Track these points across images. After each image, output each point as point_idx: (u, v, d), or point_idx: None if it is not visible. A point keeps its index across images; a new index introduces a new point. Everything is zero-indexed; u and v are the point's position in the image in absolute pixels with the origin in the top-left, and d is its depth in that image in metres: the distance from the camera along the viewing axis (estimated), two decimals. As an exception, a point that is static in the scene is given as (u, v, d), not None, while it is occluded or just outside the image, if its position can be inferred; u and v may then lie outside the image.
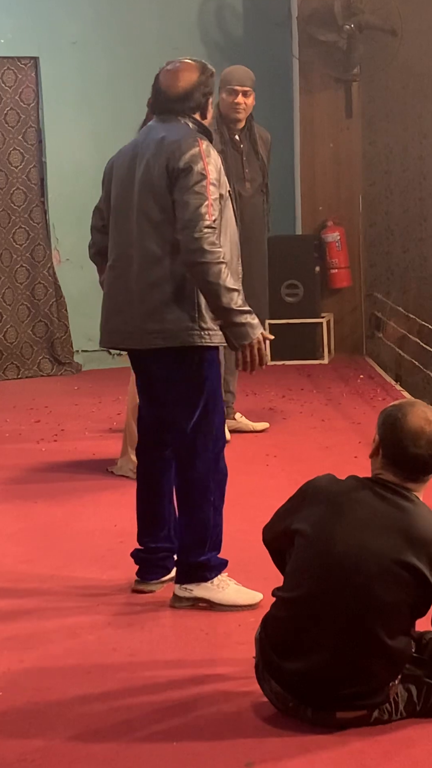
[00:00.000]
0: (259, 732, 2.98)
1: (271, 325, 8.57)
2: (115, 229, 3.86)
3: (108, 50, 8.47)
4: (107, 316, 3.90)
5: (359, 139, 8.90)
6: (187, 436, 3.75)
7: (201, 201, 3.57)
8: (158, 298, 3.69)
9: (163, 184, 3.66)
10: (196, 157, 3.61)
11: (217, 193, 3.63)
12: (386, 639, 2.91)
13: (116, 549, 4.23)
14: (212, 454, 3.80)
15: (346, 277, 8.87)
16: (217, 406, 3.81)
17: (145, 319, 3.72)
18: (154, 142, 3.72)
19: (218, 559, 3.85)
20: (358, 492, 3.01)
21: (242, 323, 3.62)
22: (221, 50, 8.81)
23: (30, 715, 3.13)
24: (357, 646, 2.91)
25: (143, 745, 2.94)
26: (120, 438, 6.02)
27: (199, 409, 3.74)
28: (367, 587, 2.91)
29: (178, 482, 3.83)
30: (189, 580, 3.80)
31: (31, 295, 8.49)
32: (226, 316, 3.62)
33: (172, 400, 3.77)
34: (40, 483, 5.52)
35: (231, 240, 3.76)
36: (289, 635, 2.99)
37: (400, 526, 2.94)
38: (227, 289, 3.57)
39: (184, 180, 3.60)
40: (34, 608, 3.91)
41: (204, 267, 3.56)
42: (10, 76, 8.30)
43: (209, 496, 3.79)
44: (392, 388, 7.51)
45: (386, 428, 3.01)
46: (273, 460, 5.79)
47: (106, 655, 3.51)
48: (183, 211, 3.59)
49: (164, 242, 3.68)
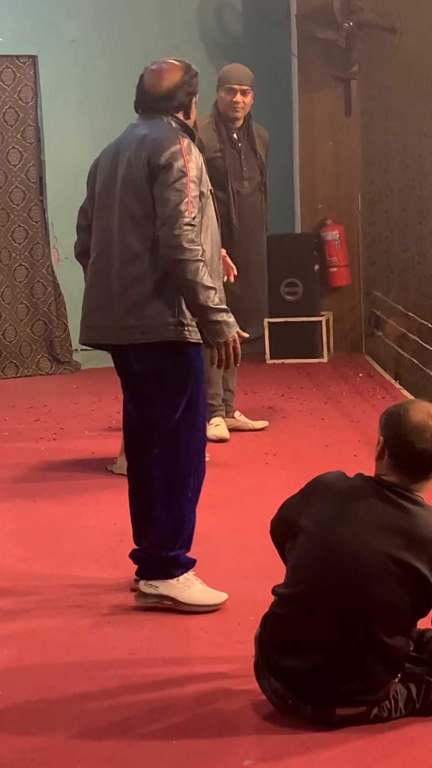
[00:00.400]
0: (258, 730, 2.98)
1: (271, 323, 8.59)
2: (97, 226, 3.87)
3: (107, 49, 8.46)
4: (87, 312, 3.90)
5: (358, 137, 8.90)
6: (170, 432, 3.75)
7: (181, 198, 3.59)
8: (139, 294, 3.71)
9: (144, 180, 3.68)
10: (177, 154, 3.63)
11: (197, 191, 3.65)
12: (385, 638, 2.91)
13: (116, 548, 4.23)
14: (194, 451, 3.81)
15: (345, 276, 8.87)
16: (200, 403, 3.81)
17: (126, 314, 3.73)
18: (136, 140, 3.74)
19: (186, 558, 3.85)
20: (363, 491, 3.01)
21: (218, 321, 3.63)
22: (220, 48, 8.80)
23: (30, 714, 3.13)
24: (355, 644, 2.91)
25: (143, 744, 2.94)
26: (119, 437, 6.02)
27: (182, 405, 3.74)
28: (365, 586, 2.91)
29: (158, 476, 3.81)
30: (155, 575, 3.79)
31: (30, 294, 8.49)
32: (202, 314, 3.64)
33: (154, 396, 3.77)
34: (39, 482, 5.52)
35: (212, 239, 3.78)
36: (288, 632, 2.99)
37: (401, 526, 2.94)
38: (204, 287, 3.59)
39: (164, 176, 3.62)
40: (33, 607, 3.91)
41: (182, 264, 3.58)
42: (9, 75, 8.29)
43: (188, 492, 3.80)
44: (392, 387, 7.51)
45: (390, 427, 3.01)
46: (272, 458, 5.79)
47: (106, 653, 3.52)
48: (163, 207, 3.62)
49: (145, 238, 3.69)
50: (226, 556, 4.36)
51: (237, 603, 3.83)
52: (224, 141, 6.10)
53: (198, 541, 4.38)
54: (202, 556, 4.20)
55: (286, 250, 8.51)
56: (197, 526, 4.48)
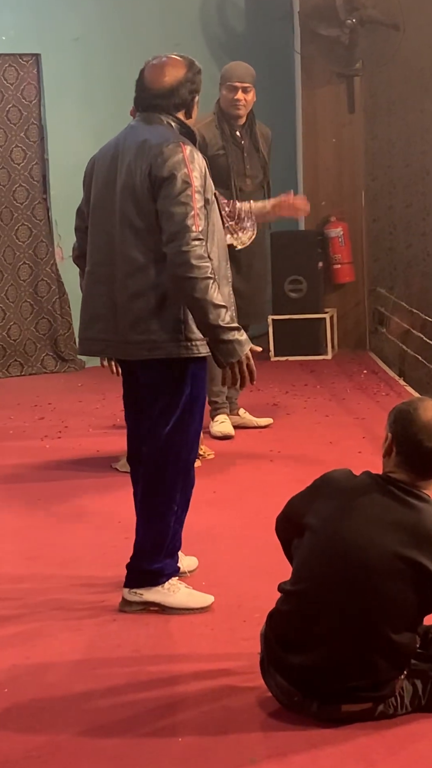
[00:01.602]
0: (264, 727, 2.98)
1: (275, 320, 8.59)
2: (94, 233, 3.75)
3: (110, 47, 8.46)
4: (86, 323, 3.79)
5: (361, 134, 8.89)
6: (160, 442, 3.68)
7: (186, 211, 3.47)
8: (143, 308, 3.60)
9: (146, 191, 3.55)
10: (180, 164, 3.49)
11: (202, 201, 3.53)
12: (391, 634, 2.91)
13: (120, 546, 4.23)
14: (183, 464, 3.73)
15: (349, 273, 8.87)
16: (195, 417, 3.71)
17: (129, 329, 3.63)
18: (136, 145, 3.61)
19: (172, 566, 3.79)
20: (369, 488, 3.01)
21: (229, 340, 3.51)
22: (223, 46, 8.80)
23: (35, 711, 3.13)
24: (361, 641, 2.91)
25: (148, 741, 2.94)
26: (124, 435, 6.02)
27: (175, 416, 3.65)
28: (371, 582, 2.91)
29: (144, 487, 3.74)
30: (139, 584, 3.75)
31: (34, 292, 8.49)
32: (212, 333, 3.51)
33: (149, 408, 3.69)
34: (44, 480, 5.53)
35: (219, 245, 3.68)
36: (294, 629, 2.99)
37: (407, 523, 2.94)
38: (214, 306, 3.47)
39: (167, 189, 3.49)
40: (38, 605, 3.91)
41: (191, 282, 3.46)
42: (12, 73, 8.29)
43: (173, 505, 3.72)
44: (396, 383, 7.51)
45: (399, 424, 3.00)
46: (277, 455, 5.79)
47: (111, 651, 3.52)
48: (168, 222, 3.49)
49: (147, 250, 3.58)
50: (230, 553, 4.36)
51: (242, 600, 3.83)
52: (227, 139, 6.10)
53: (202, 538, 4.39)
54: (205, 554, 4.21)
55: (290, 247, 8.51)
56: (201, 523, 4.50)
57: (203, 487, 4.68)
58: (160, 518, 3.72)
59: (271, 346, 8.59)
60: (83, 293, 3.85)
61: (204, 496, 4.81)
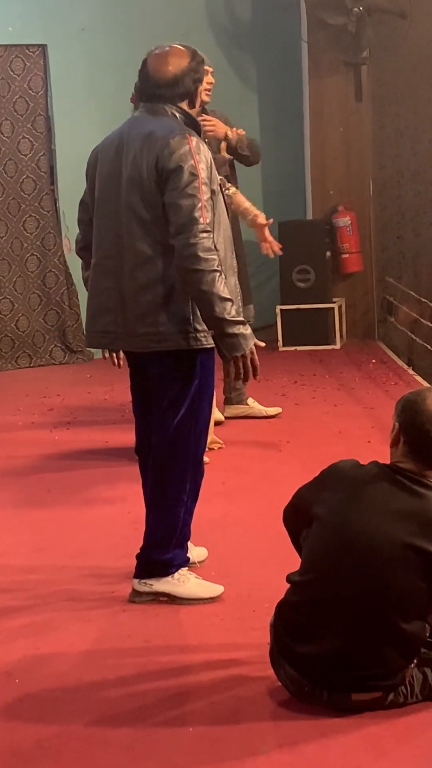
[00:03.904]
0: (274, 717, 2.99)
1: (283, 310, 8.58)
2: (100, 225, 3.75)
3: (116, 37, 8.45)
4: (94, 316, 3.78)
5: (369, 122, 8.87)
6: (169, 433, 3.69)
7: (194, 203, 3.47)
8: (151, 300, 3.60)
9: (153, 183, 3.55)
10: (187, 155, 3.49)
11: (209, 192, 3.53)
12: (401, 623, 2.91)
13: (130, 537, 4.24)
14: (192, 455, 3.73)
15: (357, 262, 8.86)
16: (203, 408, 3.72)
17: (137, 322, 3.64)
18: (141, 137, 3.59)
19: (181, 557, 3.80)
20: (377, 478, 3.01)
21: (234, 334, 3.50)
22: (230, 35, 8.78)
23: (46, 702, 3.14)
24: (371, 630, 2.92)
25: (159, 731, 2.95)
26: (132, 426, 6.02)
27: (184, 407, 3.66)
28: (380, 572, 2.91)
29: (153, 478, 3.75)
30: (149, 575, 3.76)
31: (43, 284, 8.50)
32: (218, 326, 3.51)
33: (162, 399, 3.70)
34: (53, 471, 5.54)
35: (224, 235, 3.68)
36: (303, 619, 3.00)
37: (415, 511, 2.94)
38: (221, 299, 3.47)
39: (174, 181, 3.49)
40: (48, 596, 3.92)
41: (198, 275, 3.46)
42: (19, 64, 8.28)
43: (183, 496, 3.73)
44: (405, 373, 7.50)
45: (407, 414, 3.00)
46: (286, 446, 5.79)
47: (121, 641, 3.53)
48: (176, 215, 3.49)
49: (155, 242, 3.58)
50: (240, 543, 4.37)
51: (251, 590, 3.84)
52: None
53: (212, 528, 4.39)
54: (215, 544, 4.22)
55: (298, 237, 8.50)
56: (211, 513, 4.51)
57: (212, 478, 4.69)
58: (170, 509, 3.73)
59: (279, 336, 8.59)
60: (90, 286, 3.83)
61: (213, 487, 4.81)
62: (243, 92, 8.77)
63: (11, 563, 4.29)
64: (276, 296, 8.71)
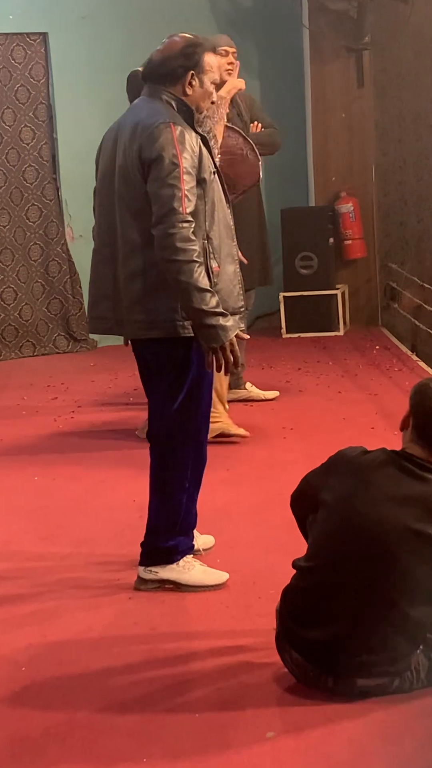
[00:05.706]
0: (280, 702, 3.00)
1: (286, 297, 8.58)
2: (99, 213, 3.79)
3: (118, 24, 8.42)
4: (93, 301, 3.83)
5: (371, 108, 8.84)
6: (168, 420, 3.69)
7: (173, 193, 3.45)
8: (141, 288, 3.62)
9: (137, 173, 3.56)
10: (168, 144, 3.47)
11: (193, 182, 3.50)
12: (406, 609, 2.91)
13: (135, 524, 4.24)
14: (194, 442, 3.74)
15: (360, 248, 8.84)
16: (202, 395, 3.72)
17: (129, 308, 3.66)
18: (131, 126, 3.61)
19: (186, 544, 3.81)
20: (384, 464, 3.01)
21: (212, 325, 3.48)
22: (232, 21, 8.74)
23: (53, 689, 3.15)
24: (377, 616, 2.92)
25: (165, 717, 2.96)
26: (136, 414, 6.04)
27: (182, 394, 3.66)
28: (386, 557, 2.91)
29: (155, 465, 3.76)
30: (154, 562, 3.77)
31: (45, 273, 8.49)
32: (195, 317, 3.50)
33: (156, 384, 3.72)
34: (58, 460, 5.54)
35: (221, 223, 3.67)
36: (309, 604, 3.00)
37: (421, 496, 2.94)
38: (198, 289, 3.46)
39: (155, 170, 3.49)
40: (54, 584, 3.93)
41: (175, 265, 3.46)
42: (20, 53, 8.26)
43: (185, 483, 3.74)
44: (408, 359, 7.50)
45: (417, 396, 3.01)
46: (290, 433, 5.79)
47: (127, 628, 3.54)
48: (156, 204, 3.49)
49: (144, 231, 3.58)
50: (245, 530, 4.37)
51: (257, 577, 3.84)
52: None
53: (217, 516, 4.40)
54: (221, 531, 4.22)
55: (301, 223, 8.49)
56: (216, 501, 4.51)
57: (217, 465, 4.69)
58: (172, 496, 3.74)
59: (282, 323, 8.58)
60: (91, 272, 3.89)
61: (218, 474, 4.82)
62: (244, 78, 8.72)
63: (17, 551, 4.30)
64: (279, 283, 8.70)
